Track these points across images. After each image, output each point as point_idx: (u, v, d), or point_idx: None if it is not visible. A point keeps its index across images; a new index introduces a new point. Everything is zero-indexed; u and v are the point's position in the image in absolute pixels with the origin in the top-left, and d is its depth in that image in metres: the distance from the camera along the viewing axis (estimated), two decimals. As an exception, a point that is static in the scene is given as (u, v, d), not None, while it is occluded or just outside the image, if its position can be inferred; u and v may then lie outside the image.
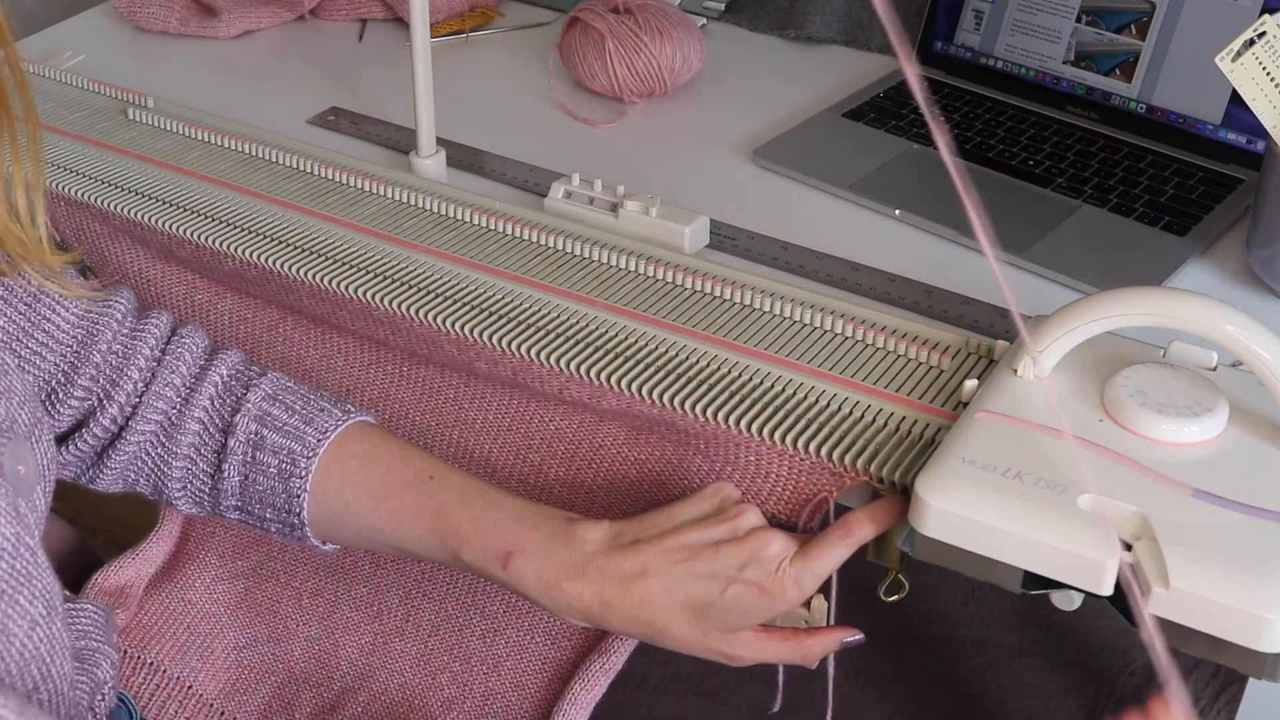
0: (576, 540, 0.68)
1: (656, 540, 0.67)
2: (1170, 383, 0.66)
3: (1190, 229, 0.90)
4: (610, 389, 0.74)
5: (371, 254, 0.85)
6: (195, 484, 0.76)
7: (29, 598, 0.59)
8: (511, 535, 0.68)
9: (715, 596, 0.65)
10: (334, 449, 0.73)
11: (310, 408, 0.75)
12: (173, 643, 0.90)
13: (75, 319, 0.74)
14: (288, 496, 0.73)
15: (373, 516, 0.72)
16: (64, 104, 1.06)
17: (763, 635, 0.67)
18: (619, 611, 0.66)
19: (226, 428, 0.74)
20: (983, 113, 1.05)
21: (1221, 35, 0.80)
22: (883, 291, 0.84)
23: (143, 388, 0.75)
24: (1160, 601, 0.57)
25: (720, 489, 0.70)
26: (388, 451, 0.73)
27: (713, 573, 0.65)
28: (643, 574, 0.66)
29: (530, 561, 0.68)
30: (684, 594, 0.65)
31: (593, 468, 0.78)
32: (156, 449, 0.76)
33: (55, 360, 0.73)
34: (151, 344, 0.76)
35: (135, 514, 1.00)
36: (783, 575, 0.65)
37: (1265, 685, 0.65)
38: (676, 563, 0.66)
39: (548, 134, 1.05)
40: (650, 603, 0.66)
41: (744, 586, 0.65)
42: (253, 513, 0.75)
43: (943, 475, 0.62)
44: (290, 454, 0.73)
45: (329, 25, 1.26)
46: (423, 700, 0.87)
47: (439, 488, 0.71)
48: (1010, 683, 0.86)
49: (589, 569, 0.67)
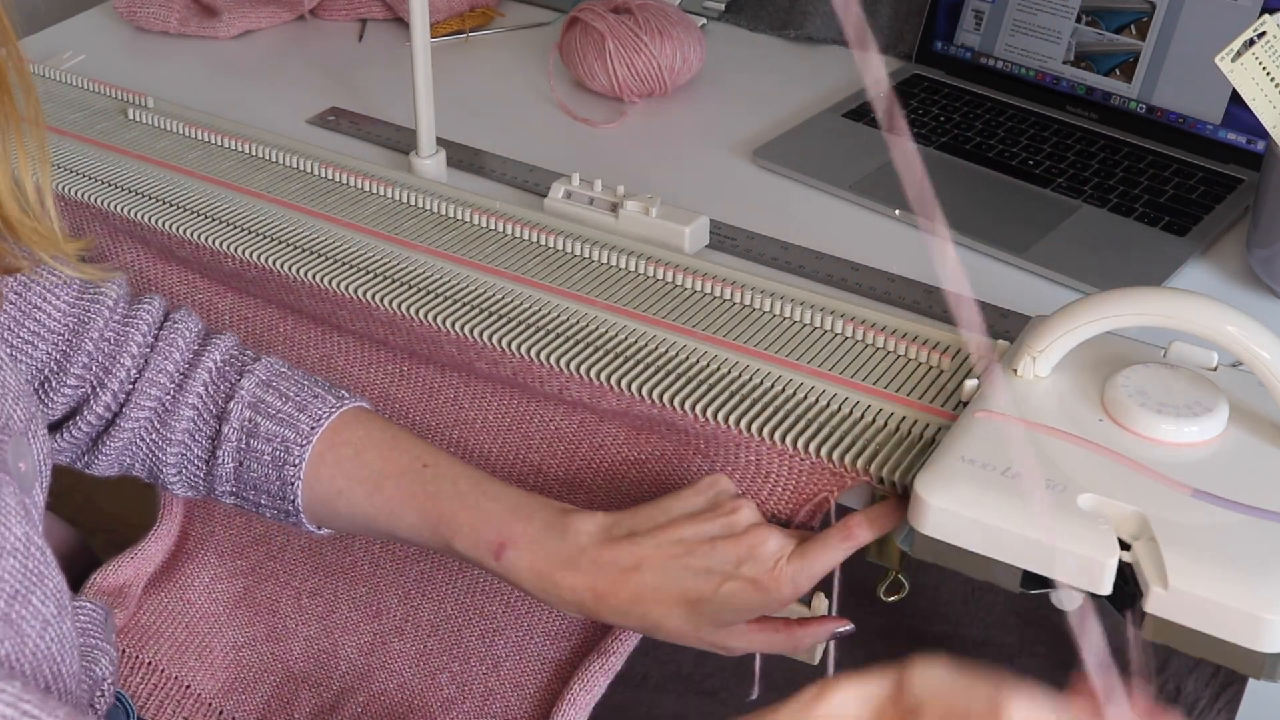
0: (570, 532, 0.67)
1: (652, 534, 0.67)
2: (1170, 383, 0.66)
3: (1190, 229, 0.90)
4: (610, 389, 0.74)
5: (371, 254, 0.85)
6: (190, 469, 0.76)
7: (41, 597, 0.59)
8: (505, 526, 0.68)
9: (710, 592, 0.65)
10: (328, 436, 0.73)
11: (304, 394, 0.74)
12: (171, 642, 0.90)
13: (67, 307, 0.74)
14: (281, 484, 0.73)
15: (366, 505, 0.72)
16: (64, 104, 1.06)
17: (755, 627, 0.68)
18: (612, 604, 0.66)
19: (221, 413, 0.74)
20: (983, 113, 1.05)
21: (1221, 35, 0.80)
22: (883, 291, 0.84)
23: (136, 374, 0.75)
24: (1159, 601, 0.57)
25: (715, 482, 0.70)
26: (382, 439, 0.73)
27: (708, 568, 0.65)
28: (637, 567, 0.66)
29: (524, 553, 0.67)
30: (679, 589, 0.65)
31: (593, 468, 0.78)
32: (151, 434, 0.75)
33: (47, 349, 0.73)
34: (144, 330, 0.75)
35: (134, 513, 1.00)
36: (779, 573, 0.65)
37: (1265, 685, 0.65)
38: (672, 558, 0.66)
39: (548, 134, 1.05)
40: (644, 597, 0.66)
41: (739, 583, 0.65)
42: (247, 498, 0.75)
43: (942, 475, 0.62)
44: (284, 441, 0.73)
45: (329, 25, 1.26)
46: (422, 700, 0.87)
47: (433, 476, 0.71)
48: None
49: (582, 561, 0.66)
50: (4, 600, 0.57)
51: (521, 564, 0.67)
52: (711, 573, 0.65)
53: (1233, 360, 0.66)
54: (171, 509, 0.93)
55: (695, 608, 0.66)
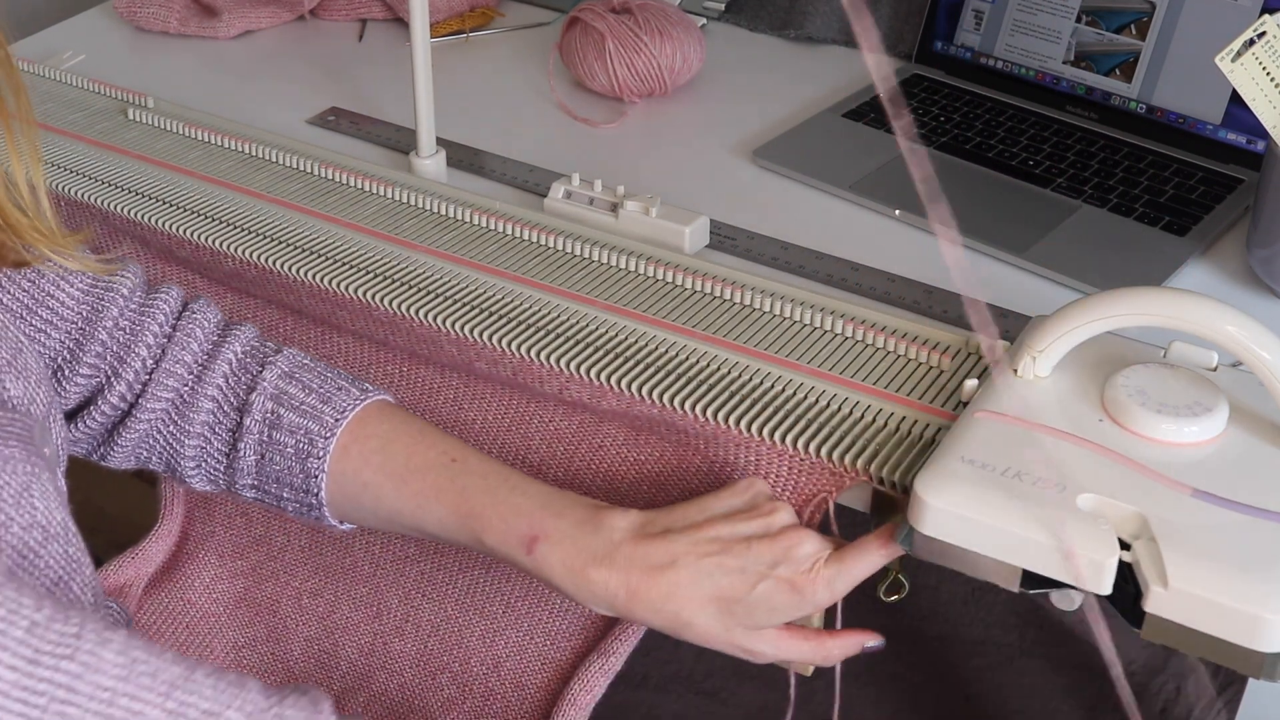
0: (605, 527, 0.67)
1: (687, 531, 0.66)
2: (1170, 383, 0.66)
3: (1190, 229, 0.90)
4: (610, 389, 0.74)
5: (371, 254, 0.85)
6: (210, 462, 0.75)
7: (80, 585, 0.59)
8: (537, 520, 0.68)
9: (745, 592, 0.65)
10: (352, 429, 0.72)
11: (328, 386, 0.74)
12: (172, 642, 0.90)
13: (80, 294, 0.73)
14: (305, 477, 0.72)
15: (393, 499, 0.71)
16: (64, 104, 1.06)
17: (785, 633, 0.67)
18: (645, 601, 0.65)
19: (242, 406, 0.73)
20: (983, 113, 1.05)
21: (1221, 35, 0.80)
22: (883, 291, 0.84)
23: (152, 364, 0.74)
24: (1159, 601, 0.57)
25: (753, 484, 0.70)
26: (407, 432, 0.72)
27: (743, 568, 0.65)
28: (672, 564, 0.65)
29: (556, 547, 0.67)
30: (713, 587, 0.65)
31: (592, 468, 0.78)
32: (169, 426, 0.75)
33: (60, 337, 0.72)
34: (161, 319, 0.75)
35: (135, 514, 1.00)
36: (815, 575, 0.65)
37: (1265, 685, 0.65)
38: (707, 555, 0.65)
39: (548, 134, 1.05)
40: (677, 594, 0.65)
41: (774, 583, 0.65)
42: (269, 492, 0.74)
43: (942, 475, 0.62)
44: (308, 434, 0.72)
45: (329, 25, 1.26)
46: (422, 701, 0.87)
47: (461, 470, 0.70)
48: (1010, 683, 0.86)
49: (617, 556, 0.66)
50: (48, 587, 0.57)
51: (554, 558, 0.67)
52: (746, 572, 0.65)
53: (1233, 360, 0.66)
54: (172, 509, 0.93)
55: (728, 608, 0.65)
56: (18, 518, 0.57)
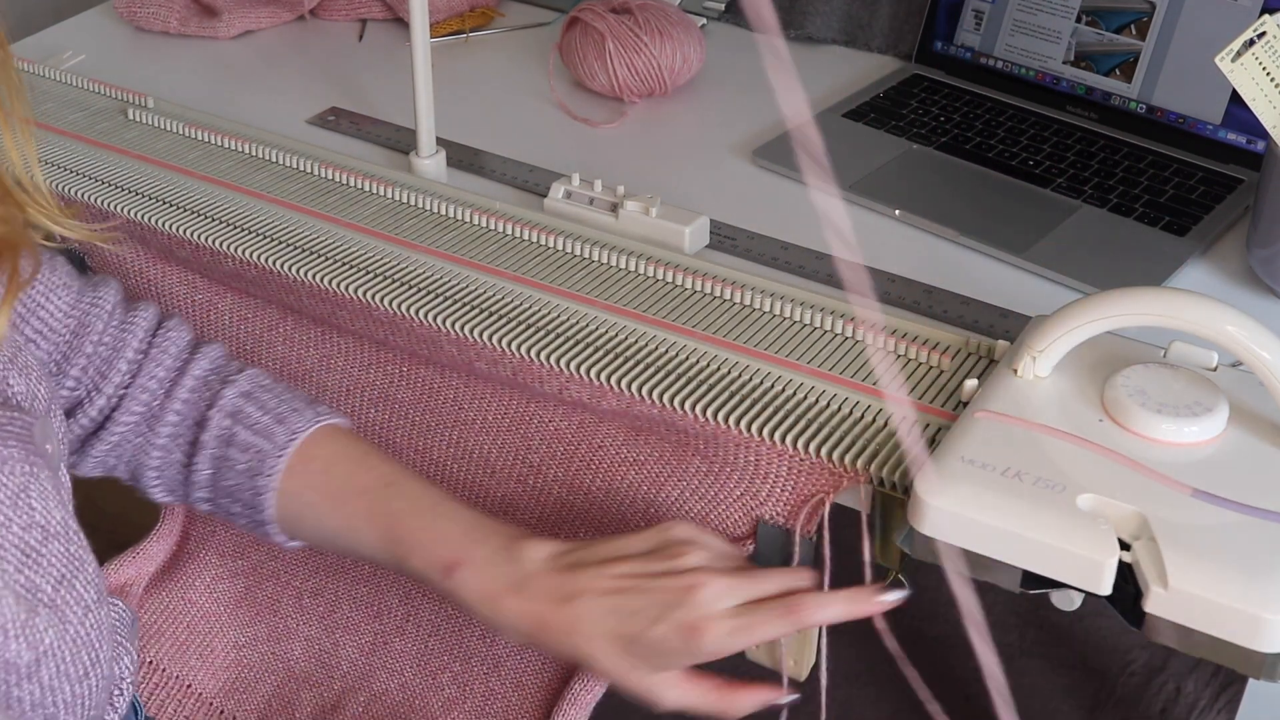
0: (521, 557, 0.67)
1: (595, 567, 0.66)
2: (1170, 383, 0.66)
3: (1190, 229, 0.90)
4: (610, 389, 0.74)
5: (371, 254, 0.85)
6: (169, 473, 0.77)
7: (83, 583, 0.59)
8: (458, 547, 0.68)
9: (639, 633, 0.63)
10: (303, 450, 0.74)
11: (284, 407, 0.75)
12: (173, 641, 0.90)
13: (67, 308, 0.75)
14: (254, 493, 0.74)
15: (330, 520, 0.73)
16: (64, 104, 1.06)
17: (688, 680, 0.65)
18: (551, 632, 0.65)
19: (201, 420, 0.75)
20: (983, 113, 1.05)
21: (1221, 35, 0.80)
22: (883, 291, 0.84)
23: (129, 379, 0.76)
24: (1159, 601, 0.57)
25: (670, 526, 0.68)
26: (350, 456, 0.74)
27: (639, 609, 0.64)
28: (574, 598, 0.65)
29: (473, 574, 0.67)
30: (614, 624, 0.64)
31: (592, 468, 0.78)
32: (136, 438, 0.77)
33: (49, 349, 0.74)
34: (140, 336, 0.77)
35: (135, 513, 1.00)
36: (714, 622, 0.63)
37: (1265, 685, 0.65)
38: (607, 592, 0.65)
39: (548, 134, 1.05)
40: (580, 629, 0.64)
41: (670, 627, 0.63)
42: (221, 505, 0.76)
43: (942, 475, 0.62)
44: (259, 452, 0.74)
45: (329, 25, 1.26)
46: (423, 700, 0.87)
47: (395, 495, 0.71)
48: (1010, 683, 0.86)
49: (528, 586, 0.66)
50: (51, 586, 0.57)
51: (470, 585, 0.67)
52: (641, 614, 0.64)
53: (1233, 360, 0.66)
54: (173, 508, 0.94)
55: (627, 647, 0.64)
56: (16, 518, 0.57)
